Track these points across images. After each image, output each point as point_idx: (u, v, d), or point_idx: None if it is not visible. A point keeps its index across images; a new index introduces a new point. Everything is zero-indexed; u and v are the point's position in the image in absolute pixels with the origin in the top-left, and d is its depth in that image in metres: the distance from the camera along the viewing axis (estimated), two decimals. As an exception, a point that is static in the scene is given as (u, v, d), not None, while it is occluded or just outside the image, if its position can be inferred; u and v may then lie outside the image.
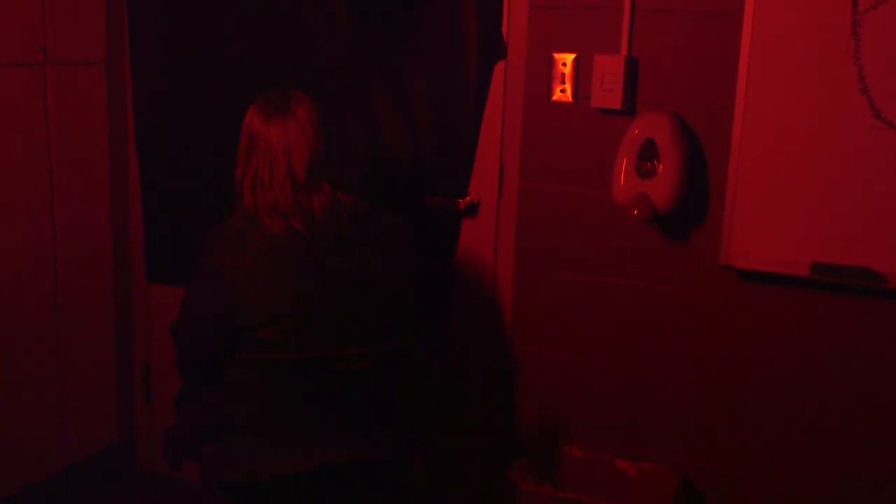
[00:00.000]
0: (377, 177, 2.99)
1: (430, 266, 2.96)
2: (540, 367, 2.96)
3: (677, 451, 2.84)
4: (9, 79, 2.98)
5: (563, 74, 2.76)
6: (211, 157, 3.20)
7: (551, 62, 2.77)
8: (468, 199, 2.96)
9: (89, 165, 3.31)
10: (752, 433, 2.76)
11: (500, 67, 2.87)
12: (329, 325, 2.33)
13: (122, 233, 3.44)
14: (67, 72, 3.17)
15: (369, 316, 2.37)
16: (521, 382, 2.99)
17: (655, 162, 2.62)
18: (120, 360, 3.53)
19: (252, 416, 2.33)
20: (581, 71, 2.74)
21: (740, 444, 2.77)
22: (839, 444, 2.67)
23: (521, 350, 2.97)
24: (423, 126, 2.95)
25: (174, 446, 2.49)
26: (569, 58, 2.75)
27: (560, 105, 2.79)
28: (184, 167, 3.28)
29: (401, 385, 2.39)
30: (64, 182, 3.20)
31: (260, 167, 2.34)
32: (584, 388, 2.92)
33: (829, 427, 2.67)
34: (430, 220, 2.99)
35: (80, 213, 3.29)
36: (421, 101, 2.94)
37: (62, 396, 3.32)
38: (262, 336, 2.29)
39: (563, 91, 2.77)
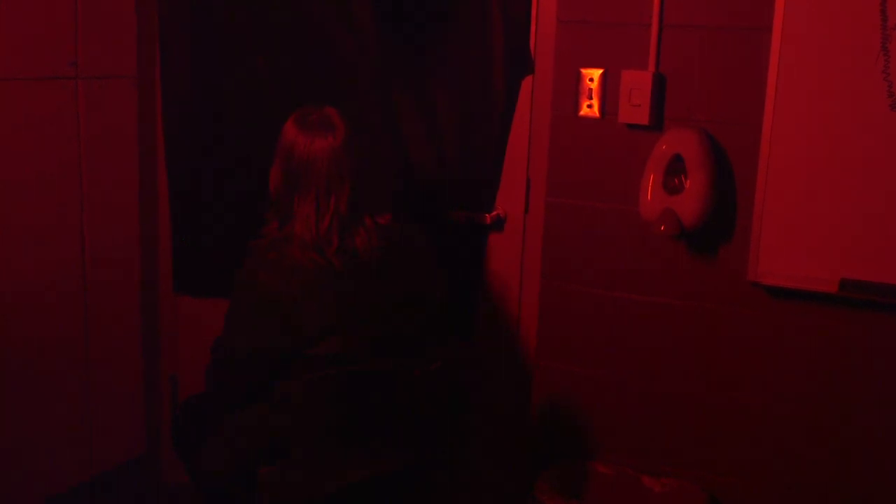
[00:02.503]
0: (405, 191, 2.99)
1: (456, 279, 2.97)
2: (564, 382, 2.95)
3: (703, 468, 2.82)
4: (40, 93, 3.01)
5: (591, 90, 2.76)
6: (239, 171, 3.22)
7: (578, 77, 2.77)
8: (495, 213, 2.96)
9: (119, 178, 3.33)
10: (779, 451, 2.73)
11: (527, 82, 2.88)
12: (372, 340, 2.36)
13: (151, 245, 3.46)
14: (98, 86, 3.19)
15: (408, 329, 2.42)
16: (546, 397, 2.98)
17: (683, 178, 2.61)
18: (147, 372, 3.55)
19: (305, 435, 2.33)
20: (608, 86, 2.74)
21: (767, 462, 2.75)
22: (869, 463, 2.64)
23: (546, 364, 2.97)
24: (451, 140, 2.96)
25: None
26: (596, 73, 2.75)
27: (587, 120, 2.79)
28: (212, 180, 3.30)
29: (445, 395, 2.41)
30: (93, 194, 3.22)
31: (302, 203, 2.32)
32: (608, 403, 2.90)
33: (859, 446, 2.65)
34: (456, 234, 2.99)
35: (109, 225, 3.31)
36: (448, 116, 2.95)
37: (89, 408, 3.33)
38: (310, 353, 2.31)
39: (590, 106, 2.77)
